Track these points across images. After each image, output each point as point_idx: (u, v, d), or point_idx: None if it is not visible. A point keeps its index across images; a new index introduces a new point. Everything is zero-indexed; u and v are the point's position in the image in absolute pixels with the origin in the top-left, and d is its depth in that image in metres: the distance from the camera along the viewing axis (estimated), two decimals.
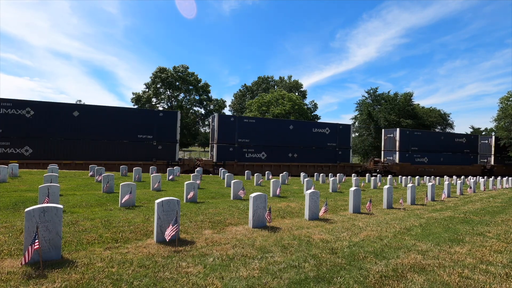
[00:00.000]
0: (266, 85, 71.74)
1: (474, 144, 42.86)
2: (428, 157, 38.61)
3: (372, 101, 60.46)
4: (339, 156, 34.12)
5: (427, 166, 38.06)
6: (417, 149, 38.08)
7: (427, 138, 39.66)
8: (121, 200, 8.77)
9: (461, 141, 41.81)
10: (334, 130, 34.22)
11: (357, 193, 9.53)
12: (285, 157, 31.16)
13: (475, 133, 68.92)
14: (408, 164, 36.58)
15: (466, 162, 41.18)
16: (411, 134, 38.30)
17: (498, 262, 5.01)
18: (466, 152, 41.81)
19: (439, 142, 39.98)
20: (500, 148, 42.79)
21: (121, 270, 4.05)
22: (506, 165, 43.46)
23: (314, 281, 3.95)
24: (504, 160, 43.06)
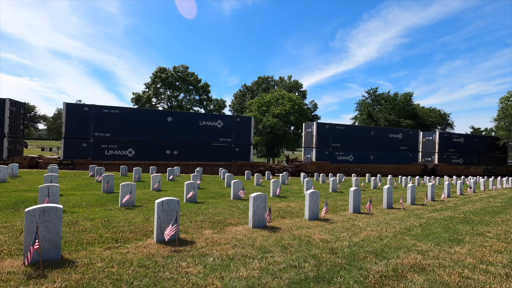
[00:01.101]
0: (266, 85, 71.71)
1: (413, 140, 38.41)
2: (354, 155, 34.24)
3: (372, 101, 60.51)
4: (236, 154, 29.34)
5: (352, 165, 33.43)
6: (339, 146, 33.55)
7: (353, 133, 35.21)
8: (121, 200, 8.77)
9: (396, 137, 37.18)
10: (230, 124, 29.47)
11: (357, 193, 9.53)
12: (162, 154, 26.79)
13: (475, 133, 68.80)
14: (327, 163, 32.11)
15: (402, 160, 36.66)
16: (332, 128, 33.49)
17: (498, 262, 5.01)
18: (403, 150, 37.30)
19: (369, 138, 35.46)
20: (445, 145, 39.14)
21: (121, 270, 4.05)
22: (453, 164, 39.43)
23: (314, 281, 3.95)
24: (450, 159, 39.34)
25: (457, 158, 40.24)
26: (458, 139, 41.12)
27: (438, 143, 39.17)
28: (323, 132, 32.84)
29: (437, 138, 39.43)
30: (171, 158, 27.05)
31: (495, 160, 43.48)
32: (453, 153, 39.93)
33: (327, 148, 33.00)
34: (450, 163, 39.37)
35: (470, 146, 41.43)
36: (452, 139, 40.70)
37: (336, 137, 33.62)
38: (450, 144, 39.86)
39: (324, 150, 32.86)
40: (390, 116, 54.07)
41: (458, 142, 40.91)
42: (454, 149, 40.05)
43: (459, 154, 40.34)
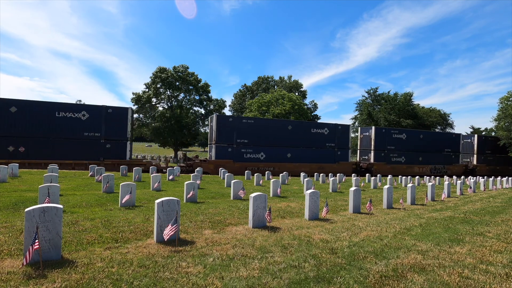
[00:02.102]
0: (266, 85, 71.72)
1: (342, 136, 33.84)
2: (266, 152, 29.94)
3: (372, 101, 60.53)
4: (107, 150, 25.53)
5: (263, 164, 29.12)
6: (247, 142, 29.31)
7: (265, 127, 30.49)
8: (121, 200, 8.77)
9: (321, 133, 32.64)
10: (98, 116, 25.26)
11: (357, 193, 9.53)
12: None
13: (474, 133, 68.59)
14: (230, 162, 28.01)
15: (329, 159, 32.66)
16: (237, 122, 29.28)
17: (498, 262, 5.01)
18: (330, 147, 33.03)
19: (285, 133, 31.13)
20: (382, 142, 35.54)
21: (121, 270, 4.05)
22: (393, 163, 35.77)
23: (314, 281, 3.95)
24: (390, 157, 35.79)
25: (398, 157, 36.46)
26: (399, 135, 37.10)
27: (374, 139, 35.16)
28: (226, 126, 28.52)
29: (372, 134, 35.30)
30: None
31: (445, 158, 39.73)
32: (392, 150, 36.11)
33: (230, 144, 28.58)
34: (389, 161, 35.60)
35: (414, 143, 37.62)
36: (392, 135, 36.70)
37: (243, 132, 29.01)
38: (389, 140, 36.05)
39: (227, 147, 28.51)
40: (390, 116, 54.08)
41: (399, 138, 36.91)
42: (394, 146, 36.25)
43: (401, 152, 36.65)
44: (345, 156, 34.03)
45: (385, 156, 35.75)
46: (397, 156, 36.49)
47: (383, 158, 35.52)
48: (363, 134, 36.84)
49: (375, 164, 34.30)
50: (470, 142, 42.53)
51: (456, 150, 41.00)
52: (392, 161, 35.94)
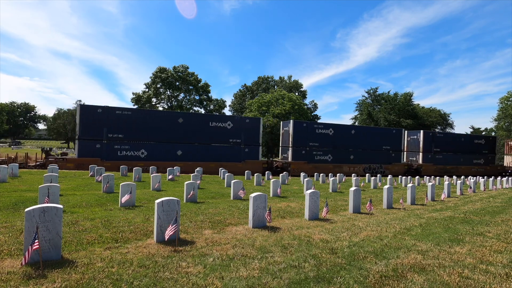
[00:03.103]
0: (266, 85, 71.74)
1: (251, 131, 29.45)
2: (147, 149, 26.03)
3: (372, 101, 60.54)
4: None
5: (144, 163, 24.58)
6: (122, 137, 25.08)
7: (147, 120, 26.18)
8: (121, 200, 8.77)
9: (223, 127, 28.44)
10: None
11: (357, 193, 9.53)
12: None
13: (475, 133, 68.46)
14: (97, 160, 23.67)
15: (233, 157, 28.47)
16: (108, 113, 24.66)
17: (498, 262, 5.01)
18: (234, 143, 28.68)
19: (175, 127, 26.87)
20: (303, 138, 31.45)
21: (121, 270, 4.05)
22: (316, 161, 31.99)
23: (314, 281, 3.95)
24: (313, 155, 32.19)
25: (324, 154, 32.52)
26: (324, 130, 32.81)
27: (293, 135, 30.94)
28: (93, 118, 24.25)
29: (291, 129, 30.92)
30: None
31: (384, 157, 35.87)
32: (316, 147, 32.18)
33: (100, 140, 24.54)
34: (311, 160, 31.70)
35: (344, 140, 33.89)
36: (315, 129, 32.44)
37: (117, 125, 24.96)
38: (312, 136, 31.98)
39: (94, 142, 24.40)
40: (390, 116, 54.09)
41: (325, 134, 32.74)
42: (319, 142, 32.31)
43: (327, 150, 32.73)
44: (254, 154, 29.45)
45: (307, 154, 31.61)
46: (322, 154, 32.42)
47: (303, 156, 31.41)
48: (284, 129, 32.74)
49: (292, 163, 30.06)
50: (416, 138, 38.72)
51: (396, 148, 36.91)
52: (315, 160, 31.92)
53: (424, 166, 36.73)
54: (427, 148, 37.74)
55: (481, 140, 43.09)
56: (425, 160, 37.58)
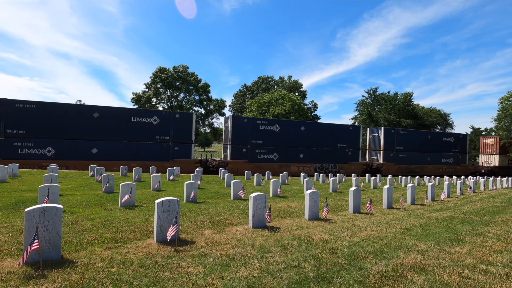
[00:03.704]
0: (266, 85, 71.74)
1: (181, 128, 26.83)
2: (56, 146, 23.42)
3: (372, 101, 60.52)
4: None
5: (49, 161, 22.12)
6: (23, 133, 22.70)
7: (53, 115, 23.45)
8: (121, 200, 8.77)
9: (148, 122, 25.96)
10: None
11: (357, 193, 9.52)
12: None
13: (475, 133, 68.37)
14: None
15: (159, 156, 26.14)
16: (6, 106, 21.93)
17: (498, 262, 5.01)
18: (162, 140, 26.42)
19: (90, 122, 24.40)
20: (243, 135, 28.94)
21: (121, 270, 4.05)
22: (260, 161, 29.61)
23: (314, 281, 3.95)
24: (256, 153, 29.72)
25: (268, 153, 29.92)
26: (269, 127, 30.05)
27: (232, 131, 28.36)
28: None
29: (230, 126, 28.46)
30: None
31: (339, 155, 33.27)
32: (259, 145, 29.50)
33: None
34: (254, 159, 28.95)
35: (292, 137, 31.19)
36: (258, 126, 29.69)
37: (16, 120, 22.40)
38: (254, 133, 29.24)
39: None
40: (390, 116, 54.07)
41: (270, 131, 30.04)
42: (262, 140, 29.65)
43: (272, 148, 30.16)
44: (185, 152, 26.99)
45: (249, 153, 28.99)
46: (266, 153, 29.83)
47: (244, 155, 28.78)
48: (225, 125, 30.29)
49: (231, 163, 27.67)
50: (377, 136, 36.43)
51: (354, 146, 34.32)
52: (258, 159, 29.32)
53: (385, 166, 34.62)
54: (388, 146, 35.94)
55: (450, 138, 41.00)
56: (387, 159, 35.72)
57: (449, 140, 40.63)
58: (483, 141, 45.80)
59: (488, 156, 44.13)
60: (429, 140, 38.95)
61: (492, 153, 43.70)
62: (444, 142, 40.07)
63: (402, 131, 38.47)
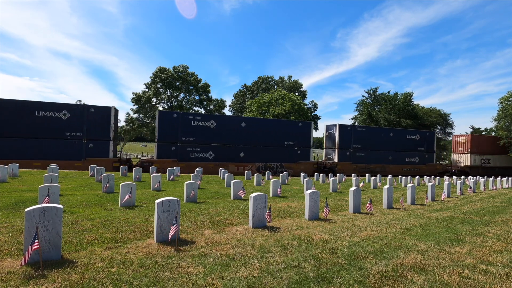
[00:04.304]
0: (266, 85, 71.76)
1: (96, 124, 24.22)
2: None
3: (372, 101, 60.49)
4: None
5: None
6: None
7: None
8: (121, 200, 8.77)
9: (55, 117, 23.21)
10: None
11: (357, 193, 9.53)
12: None
13: (474, 133, 68.19)
14: None
15: (70, 154, 23.36)
16: None
17: (498, 262, 5.01)
18: (73, 137, 23.73)
19: None
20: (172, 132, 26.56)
21: (121, 270, 4.05)
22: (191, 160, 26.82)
23: (314, 281, 3.95)
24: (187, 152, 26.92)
25: (202, 151, 27.32)
26: (203, 123, 27.45)
27: (158, 128, 26.15)
28: None
29: (156, 121, 26.42)
30: None
31: (287, 154, 30.78)
32: (192, 143, 26.98)
33: None
34: (185, 158, 26.54)
35: (230, 133, 28.47)
36: (191, 122, 27.15)
37: None
38: (186, 130, 26.77)
39: None
40: (390, 116, 54.04)
41: (204, 127, 27.44)
42: (195, 137, 27.10)
43: (207, 146, 27.56)
44: (102, 150, 24.45)
45: (179, 151, 26.56)
46: (200, 151, 27.32)
47: (174, 153, 26.36)
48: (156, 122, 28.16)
49: (157, 162, 25.23)
50: (333, 133, 33.96)
51: (304, 144, 31.67)
52: (190, 158, 26.83)
53: (340, 165, 32.21)
54: (344, 144, 33.54)
55: (416, 136, 37.89)
56: (342, 158, 33.24)
57: (414, 138, 37.86)
58: (455, 140, 42.74)
59: (460, 155, 41.27)
60: (391, 137, 36.41)
61: (464, 152, 40.68)
62: (408, 140, 37.47)
63: (360, 128, 36.50)
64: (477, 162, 40.30)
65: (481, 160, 40.57)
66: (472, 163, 39.85)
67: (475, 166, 39.88)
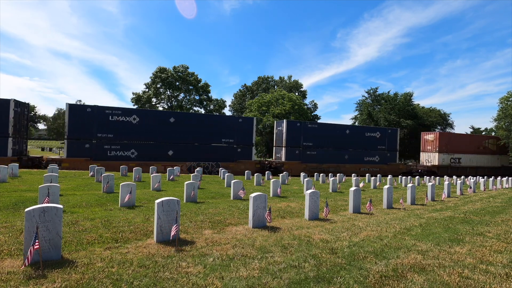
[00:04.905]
0: (266, 85, 71.79)
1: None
2: None
3: (372, 101, 60.52)
4: None
5: None
6: None
7: None
8: (121, 200, 8.77)
9: None
10: None
11: (357, 193, 9.52)
12: None
13: (474, 133, 68.10)
14: None
15: None
16: None
17: (498, 262, 5.01)
18: None
19: None
20: (87, 128, 23.78)
21: (121, 270, 4.05)
22: (112, 158, 24.50)
23: (314, 281, 3.95)
24: (104, 150, 24.60)
25: (123, 149, 24.88)
26: (124, 118, 24.99)
27: (68, 124, 23.51)
28: None
29: (66, 117, 23.53)
30: None
31: (224, 153, 28.23)
32: (111, 140, 24.58)
33: None
34: (101, 157, 23.86)
35: (157, 131, 26.07)
36: (108, 117, 24.55)
37: None
38: (102, 126, 24.30)
39: None
40: (390, 116, 54.05)
41: (125, 122, 24.98)
42: (114, 133, 24.78)
43: (128, 143, 25.16)
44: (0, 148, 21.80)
45: (94, 149, 24.10)
46: (119, 149, 24.86)
47: (87, 152, 23.82)
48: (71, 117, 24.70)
49: (65, 161, 22.95)
50: (281, 130, 31.55)
51: (245, 142, 29.14)
52: (108, 156, 24.40)
53: (287, 165, 29.79)
54: (293, 142, 31.13)
55: (376, 133, 35.43)
56: (291, 157, 30.80)
57: (374, 135, 35.34)
58: (424, 137, 39.46)
59: (428, 154, 38.36)
60: (348, 135, 34.09)
61: (432, 151, 37.74)
62: (368, 137, 34.99)
63: (311, 124, 33.66)
64: (446, 161, 37.69)
65: (450, 159, 37.98)
66: (440, 163, 37.11)
67: (444, 166, 37.30)
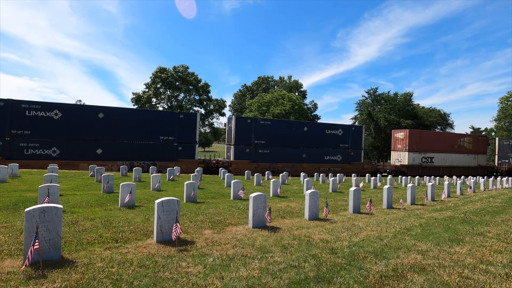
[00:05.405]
0: (266, 85, 71.79)
1: None
2: None
3: (372, 101, 60.49)
4: None
5: None
6: None
7: None
8: (121, 200, 8.77)
9: None
10: None
11: (357, 193, 9.52)
12: None
13: (474, 133, 68.08)
14: None
15: None
16: None
17: (498, 262, 5.01)
18: None
19: None
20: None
21: (121, 270, 4.05)
22: (27, 157, 22.24)
23: (314, 281, 3.95)
24: (21, 150, 22.45)
25: (42, 147, 22.79)
26: (43, 113, 22.83)
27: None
28: None
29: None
30: None
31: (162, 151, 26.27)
32: (27, 137, 22.43)
33: None
34: (17, 155, 21.78)
35: (84, 127, 23.93)
36: (25, 112, 22.42)
37: None
38: (18, 122, 22.11)
39: None
40: (390, 116, 54.05)
41: (45, 118, 22.86)
42: (31, 130, 22.60)
43: (49, 141, 23.00)
44: None
45: (8, 147, 21.98)
46: (39, 147, 22.75)
47: (1, 150, 21.75)
48: None
49: None
50: (231, 127, 29.47)
51: (187, 139, 27.10)
52: (25, 155, 22.29)
53: (235, 164, 27.79)
54: (243, 139, 28.90)
55: (338, 131, 33.15)
56: (240, 156, 28.60)
57: (335, 133, 33.08)
58: (394, 135, 37.14)
59: (399, 153, 36.23)
60: (306, 132, 31.71)
61: (402, 150, 35.50)
62: (329, 135, 32.76)
63: (263, 121, 31.26)
64: (417, 160, 35.56)
65: (422, 159, 35.86)
66: (410, 162, 35.05)
67: (414, 166, 35.20)
